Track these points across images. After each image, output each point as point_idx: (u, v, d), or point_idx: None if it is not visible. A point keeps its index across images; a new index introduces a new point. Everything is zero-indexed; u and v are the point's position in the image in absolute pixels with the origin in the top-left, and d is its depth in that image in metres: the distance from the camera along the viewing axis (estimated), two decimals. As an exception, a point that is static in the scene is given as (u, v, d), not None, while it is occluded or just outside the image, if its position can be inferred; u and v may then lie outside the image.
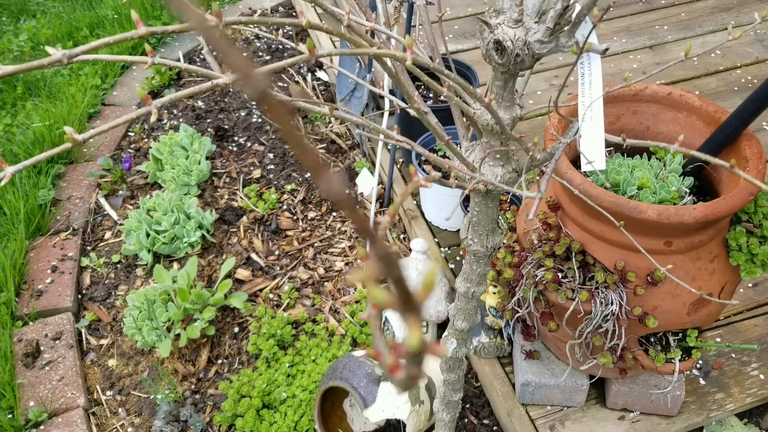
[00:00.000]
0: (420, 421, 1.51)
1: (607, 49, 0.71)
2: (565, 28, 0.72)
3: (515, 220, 1.48)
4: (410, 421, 1.47)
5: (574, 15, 0.71)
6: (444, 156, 1.94)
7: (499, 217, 1.50)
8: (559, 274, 1.23)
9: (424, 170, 1.90)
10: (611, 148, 1.37)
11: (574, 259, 1.23)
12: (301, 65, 2.80)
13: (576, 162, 1.29)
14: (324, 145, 2.40)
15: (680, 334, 1.32)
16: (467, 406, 1.68)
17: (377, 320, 0.26)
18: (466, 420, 1.65)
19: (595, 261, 1.23)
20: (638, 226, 1.14)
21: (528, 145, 0.83)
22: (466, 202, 1.81)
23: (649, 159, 1.32)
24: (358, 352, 1.57)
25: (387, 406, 1.45)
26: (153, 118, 0.60)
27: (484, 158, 0.84)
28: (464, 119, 0.92)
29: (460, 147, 0.92)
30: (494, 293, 1.57)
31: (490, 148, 0.85)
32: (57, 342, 1.83)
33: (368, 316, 0.27)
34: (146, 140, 2.47)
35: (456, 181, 0.73)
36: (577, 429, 1.50)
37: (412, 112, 0.86)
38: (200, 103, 2.63)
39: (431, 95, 2.10)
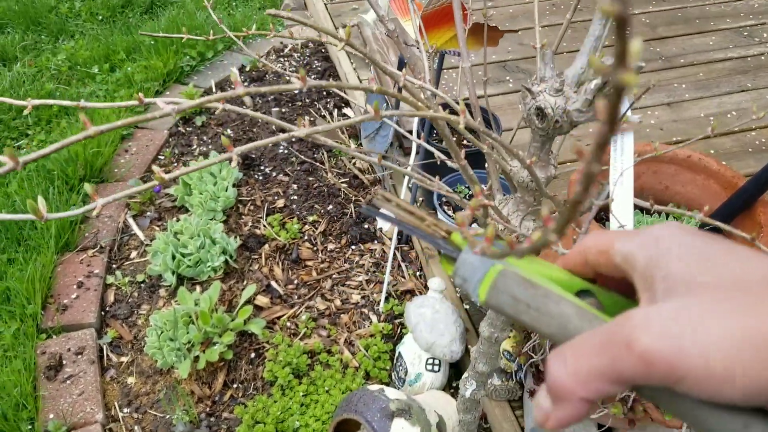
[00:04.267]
0: (430, 458, 1.54)
1: (640, 122, 0.78)
2: (603, 101, 0.79)
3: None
4: (421, 457, 1.50)
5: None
6: (468, 196, 2.00)
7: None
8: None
9: (445, 212, 1.96)
10: (631, 205, 1.42)
11: (591, 310, 1.28)
12: (328, 101, 2.89)
13: (595, 218, 1.34)
14: (347, 179, 2.47)
15: (690, 389, 1.36)
16: (476, 446, 1.71)
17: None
18: (474, 460, 1.68)
19: (611, 313, 1.28)
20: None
21: (561, 201, 0.89)
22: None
23: (667, 218, 1.38)
24: (373, 386, 1.62)
25: (399, 441, 1.49)
26: (233, 163, 0.66)
27: (518, 212, 0.89)
28: (500, 172, 0.98)
29: (493, 198, 0.98)
30: (509, 337, 1.61)
31: (524, 202, 0.91)
32: (79, 357, 1.88)
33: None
34: (176, 164, 2.55)
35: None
36: (584, 476, 1.53)
37: (437, 154, 0.92)
38: (230, 131, 2.71)
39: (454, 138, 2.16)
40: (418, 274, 2.14)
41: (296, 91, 2.94)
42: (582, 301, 0.41)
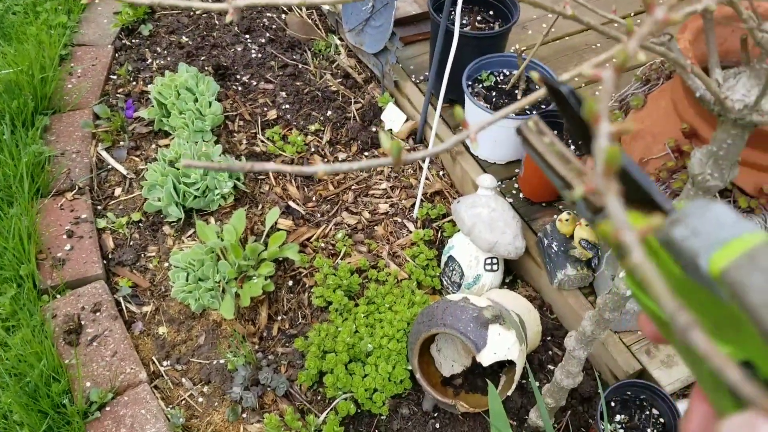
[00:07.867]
0: (523, 361, 1.49)
1: None
2: None
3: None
4: (519, 360, 1.45)
5: None
6: (490, 87, 1.86)
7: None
8: (700, 202, 1.22)
9: (475, 102, 1.82)
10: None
11: (713, 186, 1.21)
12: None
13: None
14: (339, 79, 2.24)
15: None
16: (548, 338, 1.68)
17: None
18: (550, 352, 1.65)
19: (733, 187, 1.22)
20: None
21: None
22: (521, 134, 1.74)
23: None
24: (455, 296, 1.52)
25: (498, 348, 1.41)
26: (228, 18, 0.42)
27: (756, 87, 0.78)
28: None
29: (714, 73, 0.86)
30: (587, 225, 1.54)
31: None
32: (98, 314, 1.64)
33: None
34: (134, 83, 2.21)
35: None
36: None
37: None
38: (185, 38, 2.37)
39: (467, 21, 1.98)
40: (441, 173, 2.01)
41: None
42: None
